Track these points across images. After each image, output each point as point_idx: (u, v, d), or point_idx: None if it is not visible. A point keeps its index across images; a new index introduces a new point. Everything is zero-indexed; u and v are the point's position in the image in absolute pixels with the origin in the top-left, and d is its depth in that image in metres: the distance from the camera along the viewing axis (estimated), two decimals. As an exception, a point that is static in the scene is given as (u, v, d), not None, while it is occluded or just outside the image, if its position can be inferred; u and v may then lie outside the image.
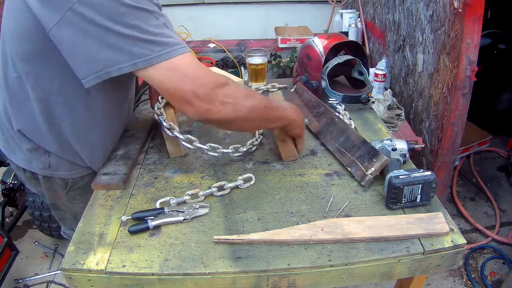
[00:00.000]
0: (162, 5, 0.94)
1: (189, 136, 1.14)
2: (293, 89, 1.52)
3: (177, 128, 1.16)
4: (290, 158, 1.19)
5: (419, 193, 0.96)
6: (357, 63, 1.50)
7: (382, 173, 1.05)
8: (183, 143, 1.14)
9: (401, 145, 1.14)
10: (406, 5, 2.26)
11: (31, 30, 0.88)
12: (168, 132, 1.15)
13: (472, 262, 2.20)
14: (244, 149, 1.19)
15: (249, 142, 1.21)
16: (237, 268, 0.84)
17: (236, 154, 1.18)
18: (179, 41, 0.89)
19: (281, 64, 3.53)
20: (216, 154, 1.15)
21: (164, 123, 1.16)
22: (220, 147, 1.14)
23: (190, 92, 0.87)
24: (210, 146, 1.14)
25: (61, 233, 1.43)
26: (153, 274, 0.84)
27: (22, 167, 1.15)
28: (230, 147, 1.16)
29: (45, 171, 1.13)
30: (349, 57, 1.46)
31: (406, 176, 0.95)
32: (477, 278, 2.11)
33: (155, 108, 1.22)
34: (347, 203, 1.01)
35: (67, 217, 1.28)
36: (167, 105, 1.24)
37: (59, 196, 1.21)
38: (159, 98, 1.26)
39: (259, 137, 1.26)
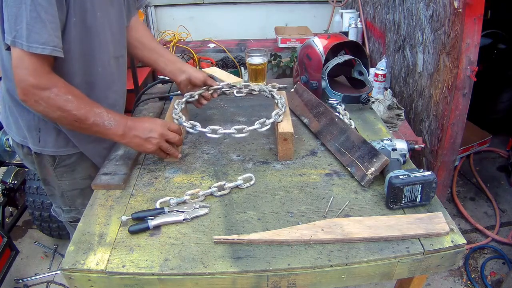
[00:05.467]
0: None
1: (211, 126, 1.14)
2: (293, 89, 1.52)
3: (199, 124, 1.16)
4: (285, 157, 1.20)
5: (419, 193, 0.96)
6: (357, 63, 1.50)
7: (382, 173, 1.05)
8: (208, 135, 1.14)
9: (401, 145, 1.14)
10: (406, 5, 2.26)
11: None
12: (191, 130, 1.16)
13: (472, 262, 2.20)
14: (271, 121, 1.18)
15: (274, 113, 1.20)
16: (237, 268, 0.84)
17: (264, 129, 1.16)
18: None
19: (281, 64, 3.54)
20: (244, 135, 1.14)
21: (185, 124, 1.17)
22: (245, 126, 1.14)
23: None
24: (235, 129, 1.14)
25: (51, 210, 1.49)
26: (153, 274, 0.84)
27: (20, 143, 1.26)
28: (256, 122, 1.15)
29: (36, 147, 1.22)
30: (349, 57, 1.46)
31: (406, 176, 0.95)
32: (477, 278, 2.11)
33: (173, 114, 1.23)
34: (347, 203, 1.01)
35: (56, 193, 1.35)
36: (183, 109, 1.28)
37: (49, 172, 1.28)
38: (175, 105, 1.27)
39: (283, 106, 1.24)
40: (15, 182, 2.28)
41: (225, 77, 1.72)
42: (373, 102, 2.10)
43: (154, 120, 1.15)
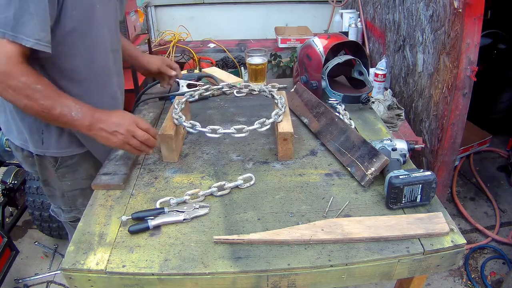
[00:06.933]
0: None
1: (211, 126, 1.14)
2: (293, 89, 1.52)
3: (199, 124, 1.16)
4: (285, 157, 1.20)
5: (419, 193, 0.96)
6: (357, 63, 1.50)
7: (382, 173, 1.05)
8: (208, 134, 1.14)
9: (401, 145, 1.14)
10: (406, 5, 2.26)
11: None
12: (191, 130, 1.16)
13: (472, 262, 2.20)
14: (271, 121, 1.18)
15: (273, 113, 1.20)
16: (237, 268, 0.84)
17: (263, 129, 1.17)
18: None
19: (281, 64, 3.54)
20: (243, 135, 1.14)
21: (185, 123, 1.17)
22: (245, 126, 1.14)
23: None
24: (234, 129, 1.14)
25: (50, 211, 1.49)
26: (153, 274, 0.84)
27: (20, 146, 1.26)
28: (256, 122, 1.15)
29: (39, 149, 1.23)
30: (349, 57, 1.46)
31: (406, 176, 0.95)
32: (477, 278, 2.11)
33: (172, 114, 1.23)
34: (347, 203, 1.01)
35: (56, 194, 1.35)
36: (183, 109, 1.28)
37: (50, 173, 1.28)
38: (175, 105, 1.27)
39: (283, 106, 1.24)
40: (15, 182, 2.28)
41: (225, 77, 1.73)
42: (373, 102, 2.10)
43: (123, 115, 1.12)
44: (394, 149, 1.12)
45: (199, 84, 1.59)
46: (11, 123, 1.25)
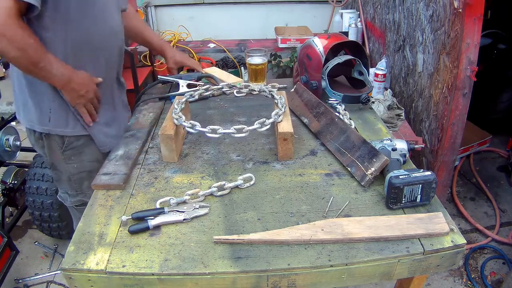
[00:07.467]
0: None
1: (211, 126, 1.14)
2: (293, 89, 1.52)
3: (199, 124, 1.15)
4: (285, 157, 1.20)
5: (419, 193, 0.96)
6: (357, 63, 1.50)
7: (382, 173, 1.05)
8: (207, 134, 1.14)
9: (401, 145, 1.14)
10: (406, 5, 2.26)
11: None
12: (191, 130, 1.16)
13: (472, 262, 2.20)
14: (271, 121, 1.18)
15: (273, 113, 1.20)
16: (237, 268, 0.84)
17: (263, 129, 1.17)
18: None
19: (281, 64, 3.53)
20: (243, 135, 1.14)
21: (185, 123, 1.17)
22: (245, 126, 1.14)
23: None
24: (234, 129, 1.14)
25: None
26: (153, 274, 0.84)
27: (31, 128, 1.33)
28: (256, 122, 1.15)
29: (45, 127, 1.30)
30: (349, 57, 1.46)
31: (406, 176, 0.95)
32: (477, 278, 2.11)
33: (172, 114, 1.23)
34: (347, 203, 1.01)
35: (63, 178, 1.40)
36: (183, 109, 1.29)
37: (57, 156, 1.34)
38: (175, 105, 1.27)
39: (283, 106, 1.24)
40: (15, 182, 2.28)
41: (225, 77, 1.73)
42: (373, 102, 2.10)
43: (90, 79, 1.27)
44: (394, 149, 1.12)
45: (199, 84, 1.59)
46: (19, 104, 1.30)
